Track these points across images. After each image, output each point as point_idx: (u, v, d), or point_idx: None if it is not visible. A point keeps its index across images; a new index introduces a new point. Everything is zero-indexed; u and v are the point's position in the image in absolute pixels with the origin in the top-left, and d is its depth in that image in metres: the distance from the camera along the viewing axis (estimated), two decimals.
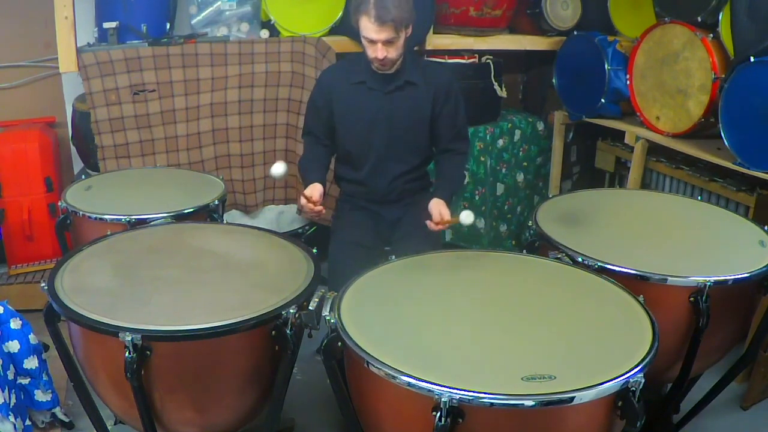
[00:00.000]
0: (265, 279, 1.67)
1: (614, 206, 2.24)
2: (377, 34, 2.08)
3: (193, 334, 1.43)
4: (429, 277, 1.71)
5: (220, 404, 1.55)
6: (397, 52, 2.14)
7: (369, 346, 1.37)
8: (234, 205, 3.05)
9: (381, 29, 2.07)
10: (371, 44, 2.13)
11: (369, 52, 2.16)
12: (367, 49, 2.17)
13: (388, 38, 2.09)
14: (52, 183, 3.05)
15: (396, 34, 2.09)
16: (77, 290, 1.57)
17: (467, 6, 3.10)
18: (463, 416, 1.23)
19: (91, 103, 2.70)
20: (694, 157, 2.71)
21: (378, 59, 2.13)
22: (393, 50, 2.13)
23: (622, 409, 1.27)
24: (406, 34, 2.14)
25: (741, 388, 2.45)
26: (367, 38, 2.12)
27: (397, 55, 2.15)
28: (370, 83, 2.24)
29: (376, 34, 2.08)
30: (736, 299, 1.78)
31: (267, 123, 3.02)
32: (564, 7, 3.33)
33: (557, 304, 1.58)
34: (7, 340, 1.99)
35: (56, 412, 2.14)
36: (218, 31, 2.95)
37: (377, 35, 2.09)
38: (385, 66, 2.18)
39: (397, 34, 2.10)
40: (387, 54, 2.12)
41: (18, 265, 3.02)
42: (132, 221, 2.05)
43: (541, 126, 3.50)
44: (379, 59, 2.13)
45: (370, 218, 2.39)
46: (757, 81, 2.32)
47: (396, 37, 2.10)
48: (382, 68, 2.19)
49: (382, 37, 2.09)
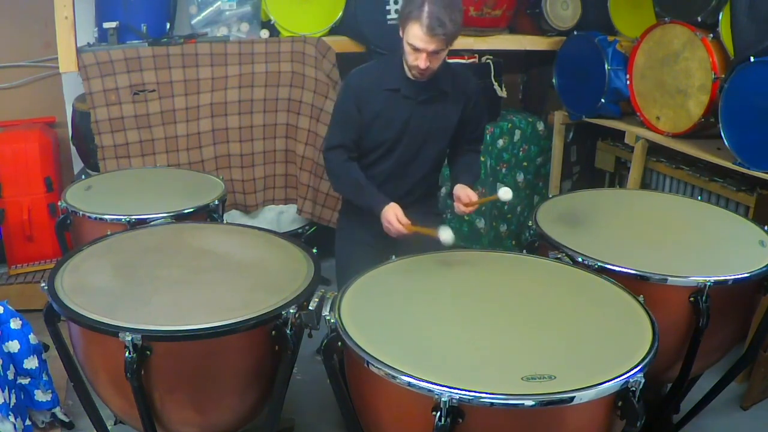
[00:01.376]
0: (265, 279, 1.67)
1: (614, 206, 2.24)
2: (426, 44, 1.98)
3: (193, 334, 1.43)
4: (429, 277, 1.71)
5: (220, 404, 1.55)
6: (440, 63, 2.07)
7: (369, 346, 1.37)
8: (234, 205, 3.05)
9: (431, 40, 1.97)
10: (415, 52, 2.03)
11: (410, 59, 2.06)
12: (408, 55, 2.06)
13: (436, 50, 1.99)
14: (52, 183, 3.06)
15: (445, 46, 2.01)
16: (77, 290, 1.57)
17: (467, 6, 3.10)
18: (463, 416, 1.23)
19: (91, 103, 2.70)
20: (694, 157, 2.71)
21: (420, 68, 2.04)
22: (436, 61, 2.05)
23: (622, 409, 1.27)
24: (449, 46, 2.06)
25: (741, 388, 2.45)
26: (412, 45, 2.02)
27: (439, 66, 2.08)
28: (405, 91, 2.14)
29: (424, 44, 1.97)
30: (736, 299, 1.78)
31: (267, 123, 3.02)
32: (564, 7, 3.33)
33: (557, 304, 1.58)
34: (7, 340, 1.99)
35: (56, 412, 2.14)
36: (218, 31, 2.95)
37: (425, 45, 1.98)
38: (424, 76, 2.09)
39: (446, 47, 2.02)
40: (430, 64, 2.03)
41: (18, 265, 3.02)
42: (132, 221, 2.05)
43: (541, 126, 3.50)
44: (421, 69, 2.04)
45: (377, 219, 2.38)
46: (757, 81, 2.32)
47: (443, 50, 2.03)
48: (420, 77, 2.10)
49: (431, 48, 1.98)
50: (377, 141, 2.19)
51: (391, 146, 2.20)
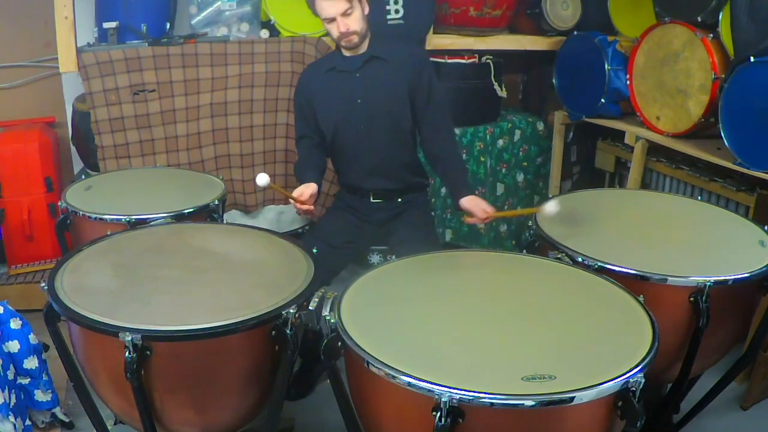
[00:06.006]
0: (265, 279, 1.67)
1: (614, 206, 2.24)
2: (332, 9, 2.13)
3: (193, 334, 1.43)
4: (429, 277, 1.71)
5: (220, 404, 1.55)
6: (359, 24, 2.18)
7: (369, 346, 1.37)
8: (234, 205, 3.05)
9: (334, 2, 2.12)
10: (331, 23, 2.17)
11: (333, 33, 2.21)
12: (330, 31, 2.22)
13: (344, 10, 2.13)
14: (52, 183, 3.06)
15: (350, 3, 2.13)
16: (77, 290, 1.57)
17: (467, 6, 3.10)
18: (463, 416, 1.23)
19: (91, 103, 2.70)
20: (694, 157, 2.71)
21: (341, 32, 2.17)
22: (354, 21, 2.17)
23: (622, 409, 1.27)
24: (362, 5, 2.19)
25: (741, 388, 2.45)
26: (327, 19, 2.18)
27: (360, 26, 2.18)
28: (340, 66, 2.28)
29: (331, 9, 2.14)
30: (736, 299, 1.78)
31: (267, 123, 3.02)
32: (564, 7, 3.33)
33: (557, 304, 1.58)
34: (7, 340, 1.99)
35: (56, 412, 2.14)
36: (218, 31, 2.95)
37: (333, 10, 2.13)
38: (351, 40, 2.20)
39: (351, 4, 2.14)
40: (349, 26, 2.16)
41: (18, 265, 3.02)
42: (132, 221, 2.05)
43: (541, 126, 3.50)
44: (341, 32, 2.17)
45: (355, 218, 2.39)
46: (757, 81, 2.32)
47: (351, 8, 2.14)
48: (349, 43, 2.21)
49: (339, 11, 2.13)
50: (332, 121, 2.31)
51: (346, 122, 2.30)
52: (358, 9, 2.17)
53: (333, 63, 2.30)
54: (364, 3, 2.21)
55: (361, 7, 2.19)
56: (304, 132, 2.37)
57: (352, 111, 2.28)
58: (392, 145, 2.32)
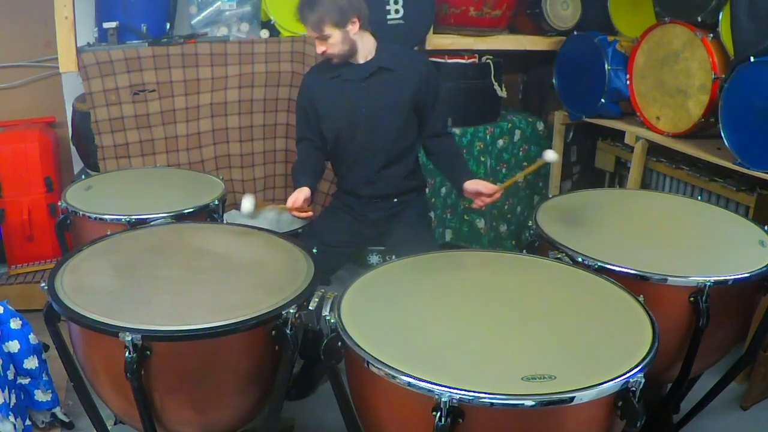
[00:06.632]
0: (265, 279, 1.67)
1: (614, 206, 2.24)
2: (308, 31, 2.16)
3: (194, 334, 1.43)
4: (429, 277, 1.71)
5: (220, 404, 1.55)
6: (337, 48, 2.17)
7: (369, 346, 1.36)
8: (234, 205, 3.05)
9: (308, 28, 2.14)
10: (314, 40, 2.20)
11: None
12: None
13: (317, 36, 2.15)
14: (52, 183, 3.06)
15: (320, 32, 2.13)
16: (77, 290, 1.57)
17: (467, 6, 3.10)
18: (463, 416, 1.23)
19: (91, 103, 2.70)
20: (694, 157, 2.71)
21: (318, 54, 2.21)
22: (331, 47, 2.17)
23: (622, 409, 1.27)
24: (342, 30, 2.14)
25: (741, 388, 2.45)
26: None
27: (339, 50, 2.17)
28: (345, 75, 2.25)
29: (307, 31, 2.16)
30: (736, 299, 1.78)
31: (267, 123, 3.03)
32: (564, 7, 3.33)
33: (557, 304, 1.57)
34: (7, 340, 1.99)
35: (56, 412, 2.14)
36: (218, 31, 2.95)
37: (309, 33, 2.16)
38: (331, 59, 2.21)
39: (322, 33, 2.13)
40: (326, 49, 2.17)
41: (18, 265, 3.02)
42: (132, 221, 2.05)
43: (541, 126, 3.50)
44: (318, 54, 2.20)
45: (352, 218, 2.39)
46: (757, 81, 2.32)
47: (324, 36, 2.14)
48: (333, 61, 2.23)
49: (314, 34, 2.15)
50: (335, 129, 2.30)
51: (349, 129, 2.29)
52: (338, 34, 2.13)
53: (337, 71, 2.25)
54: (353, 24, 2.14)
55: (344, 32, 2.14)
56: (304, 134, 2.36)
57: (355, 121, 2.27)
58: (393, 155, 2.32)
